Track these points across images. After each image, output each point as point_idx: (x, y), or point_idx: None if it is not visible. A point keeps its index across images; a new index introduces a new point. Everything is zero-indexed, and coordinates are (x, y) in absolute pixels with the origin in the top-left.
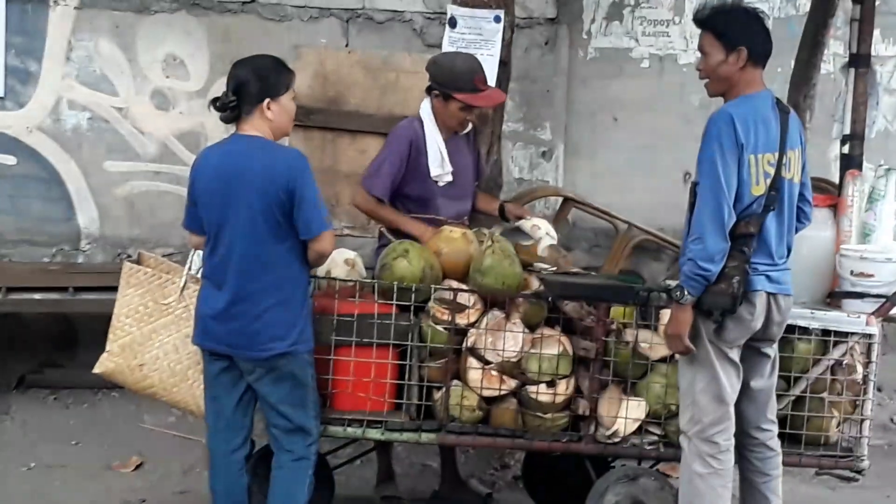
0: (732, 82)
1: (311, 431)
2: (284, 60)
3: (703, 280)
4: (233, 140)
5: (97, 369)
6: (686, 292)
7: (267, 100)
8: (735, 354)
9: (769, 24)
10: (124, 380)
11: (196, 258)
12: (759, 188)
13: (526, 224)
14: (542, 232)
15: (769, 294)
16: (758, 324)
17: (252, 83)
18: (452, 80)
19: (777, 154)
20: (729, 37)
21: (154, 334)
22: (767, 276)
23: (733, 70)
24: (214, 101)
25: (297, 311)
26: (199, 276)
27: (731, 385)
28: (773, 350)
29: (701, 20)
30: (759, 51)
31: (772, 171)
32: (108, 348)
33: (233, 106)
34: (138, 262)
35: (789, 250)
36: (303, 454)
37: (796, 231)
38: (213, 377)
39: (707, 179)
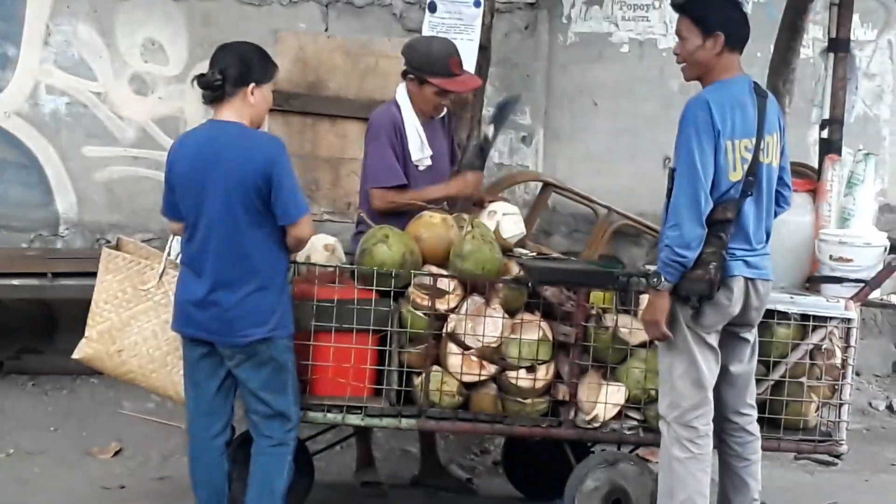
0: (709, 67)
1: (291, 417)
2: (264, 46)
3: (680, 266)
4: (210, 126)
5: (76, 355)
6: (663, 279)
7: (252, 84)
8: (713, 339)
9: (748, 8)
10: (103, 366)
11: (175, 244)
12: (736, 174)
13: (484, 214)
14: (499, 214)
15: (747, 279)
16: (736, 309)
17: (240, 65)
18: (428, 64)
19: (755, 139)
20: (706, 22)
21: (133, 320)
22: (745, 262)
23: (710, 55)
24: (200, 77)
25: (276, 296)
26: (178, 261)
27: (709, 370)
28: (752, 335)
29: (678, 5)
30: (736, 36)
31: (749, 156)
32: (86, 334)
33: (218, 85)
34: (117, 247)
35: (768, 235)
36: (282, 440)
37: (776, 215)
38: (193, 363)
39: (683, 166)
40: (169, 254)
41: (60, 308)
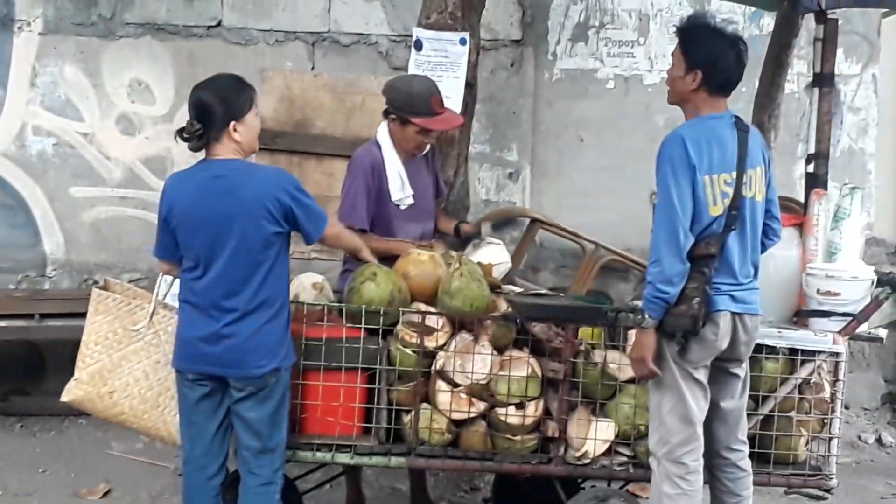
0: (685, 99)
1: (281, 452)
2: (243, 77)
3: (663, 302)
4: (209, 165)
5: (65, 398)
6: (647, 315)
7: (232, 122)
8: (701, 375)
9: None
10: (93, 407)
11: (164, 284)
12: (717, 208)
13: (469, 246)
14: (483, 244)
15: (734, 314)
16: (723, 344)
17: (216, 107)
18: (409, 103)
19: (735, 173)
20: (690, 56)
21: (124, 361)
22: (731, 296)
23: (686, 89)
24: (180, 131)
25: (284, 327)
26: (167, 301)
27: (697, 406)
28: (742, 370)
29: (678, 28)
30: (717, 80)
31: (730, 190)
32: (76, 376)
33: (199, 134)
34: (105, 288)
35: (756, 269)
36: (270, 479)
37: (765, 248)
38: (192, 404)
39: (661, 202)
40: (158, 294)
41: (48, 349)
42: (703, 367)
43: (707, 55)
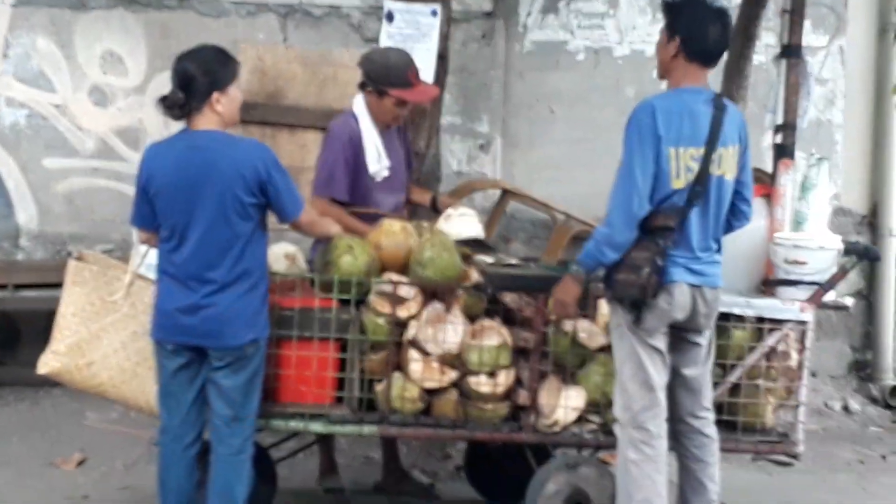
0: (666, 68)
1: (252, 421)
2: (228, 50)
3: (597, 262)
4: (189, 135)
5: (42, 370)
6: (577, 267)
7: (215, 93)
8: (658, 342)
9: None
10: (71, 379)
11: (139, 255)
12: (679, 181)
13: (440, 218)
14: (455, 216)
15: (692, 286)
16: (678, 314)
17: (199, 78)
18: (386, 75)
19: (703, 149)
20: (672, 24)
21: (102, 332)
22: (687, 268)
23: (666, 57)
24: (163, 98)
25: (262, 297)
26: (142, 272)
27: (657, 371)
28: (704, 339)
29: (662, 0)
30: (695, 47)
31: (695, 165)
32: (53, 348)
33: (182, 103)
34: (80, 259)
35: (718, 244)
36: (240, 448)
37: (732, 229)
38: (170, 374)
39: (622, 167)
40: (137, 265)
41: (23, 319)
42: (661, 334)
43: (687, 22)
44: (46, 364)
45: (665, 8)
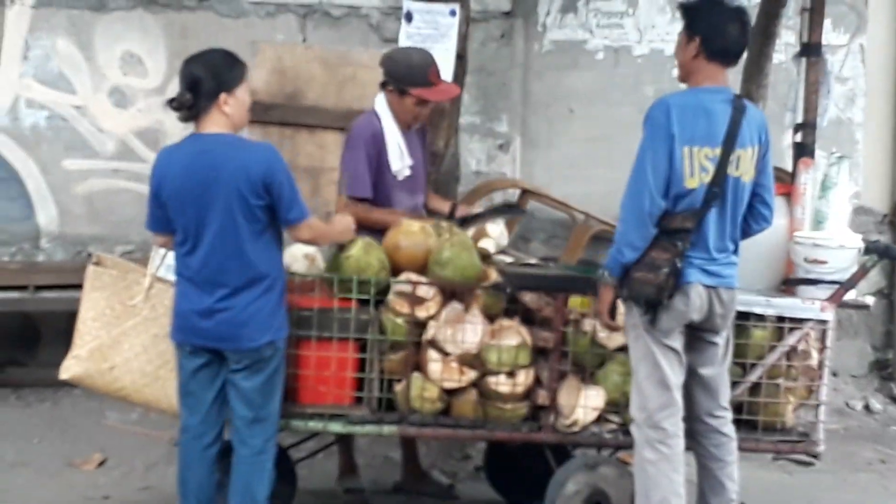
0: (687, 70)
1: (273, 422)
2: (242, 58)
3: (619, 263)
4: (197, 139)
5: (64, 375)
6: (606, 273)
7: (223, 94)
8: (674, 341)
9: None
10: (93, 383)
11: (158, 257)
12: (692, 181)
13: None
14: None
15: (708, 287)
16: (694, 315)
17: (207, 79)
18: (408, 74)
19: (719, 150)
20: (689, 24)
21: (123, 336)
22: (703, 270)
23: (686, 57)
24: (171, 101)
25: (278, 299)
26: (162, 275)
27: (672, 371)
28: (721, 339)
29: (681, 4)
30: (716, 47)
31: (710, 166)
32: (74, 353)
33: (190, 104)
34: (98, 264)
35: (735, 245)
36: (262, 448)
37: (753, 233)
38: (190, 374)
39: (635, 164)
40: (156, 268)
41: (43, 320)
42: (677, 333)
43: (707, 22)
44: (69, 369)
45: (683, 9)
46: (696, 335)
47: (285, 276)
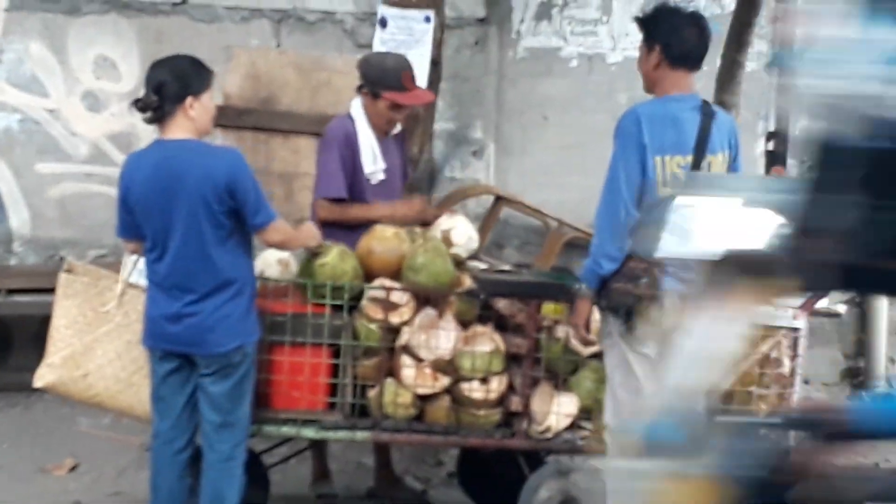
0: (651, 80)
1: (242, 427)
2: (205, 61)
3: (596, 274)
4: (162, 145)
5: (38, 383)
6: (583, 285)
7: (189, 98)
8: (649, 350)
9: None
10: (67, 391)
11: (129, 263)
12: (666, 189)
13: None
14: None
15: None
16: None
17: (173, 82)
18: (381, 78)
19: (690, 157)
20: (648, 34)
21: (96, 343)
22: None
23: (649, 67)
24: (136, 101)
25: (247, 303)
26: (135, 281)
27: (646, 378)
28: None
29: (636, 18)
30: (677, 52)
31: (683, 174)
32: (48, 361)
33: (156, 106)
34: (69, 271)
35: None
36: (231, 454)
37: None
38: (161, 378)
39: (608, 177)
40: (129, 273)
41: (14, 325)
42: (652, 342)
43: (665, 29)
44: (42, 378)
45: (640, 22)
46: None
47: (255, 281)
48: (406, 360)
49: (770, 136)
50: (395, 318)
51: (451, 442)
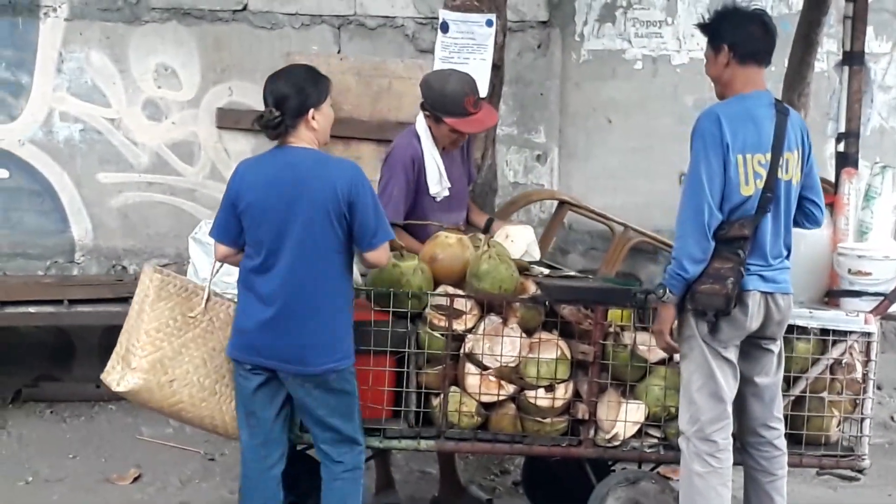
0: (723, 81)
1: (360, 441)
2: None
3: (682, 279)
4: (281, 153)
5: (121, 388)
6: (667, 290)
7: (311, 110)
8: (731, 353)
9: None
10: (151, 397)
11: (213, 270)
12: (748, 188)
13: (501, 236)
14: (514, 237)
15: (764, 294)
16: (753, 324)
17: (294, 96)
18: (442, 104)
19: (769, 155)
20: (715, 36)
21: (184, 348)
22: (760, 276)
23: (719, 69)
24: (259, 118)
25: (345, 324)
26: (214, 288)
27: (727, 383)
28: (776, 346)
29: (699, 24)
30: (745, 49)
31: (763, 171)
32: (133, 365)
33: (278, 122)
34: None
35: (788, 250)
36: (355, 464)
37: (805, 229)
38: (250, 393)
39: (689, 178)
40: (212, 279)
41: (77, 335)
42: (733, 345)
43: (729, 28)
44: (126, 382)
45: (703, 27)
46: (752, 343)
47: (353, 301)
48: (470, 367)
49: (840, 137)
50: (458, 326)
51: (517, 450)
